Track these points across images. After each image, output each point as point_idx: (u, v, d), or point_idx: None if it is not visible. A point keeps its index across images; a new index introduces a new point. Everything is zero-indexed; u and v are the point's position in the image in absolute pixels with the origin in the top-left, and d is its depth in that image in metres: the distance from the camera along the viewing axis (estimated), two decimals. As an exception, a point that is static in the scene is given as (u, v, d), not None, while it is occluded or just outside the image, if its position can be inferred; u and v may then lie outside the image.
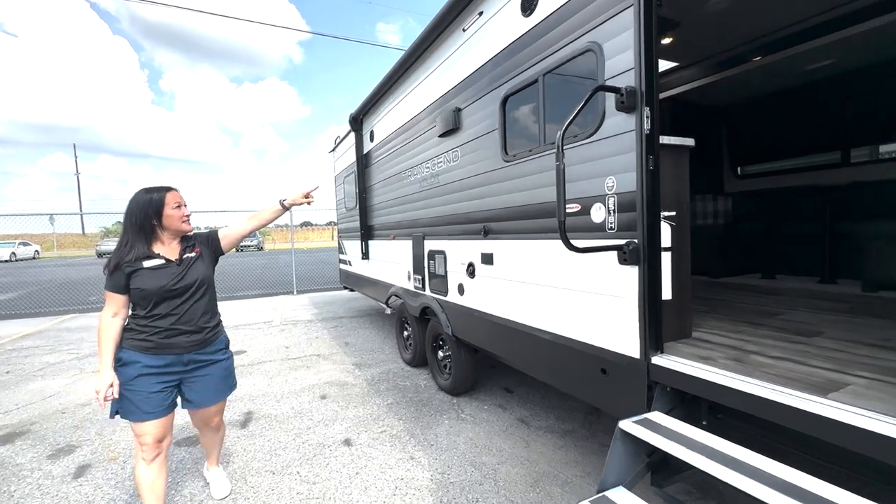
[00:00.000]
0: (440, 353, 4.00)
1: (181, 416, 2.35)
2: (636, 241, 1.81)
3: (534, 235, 2.43)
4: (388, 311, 5.87)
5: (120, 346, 1.94)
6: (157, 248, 2.02)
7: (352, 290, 7.60)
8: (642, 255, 1.78)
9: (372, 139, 5.37)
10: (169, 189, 2.04)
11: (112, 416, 1.98)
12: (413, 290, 4.30)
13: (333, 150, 7.68)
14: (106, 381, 1.89)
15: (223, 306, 9.00)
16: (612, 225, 1.91)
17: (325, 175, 8.85)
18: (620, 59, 1.83)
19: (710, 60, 3.89)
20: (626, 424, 1.66)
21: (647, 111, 1.73)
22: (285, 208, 2.47)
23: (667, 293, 1.83)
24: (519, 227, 2.57)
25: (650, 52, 1.71)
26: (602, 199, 1.96)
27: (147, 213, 1.96)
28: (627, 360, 1.89)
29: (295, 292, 10.87)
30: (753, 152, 4.73)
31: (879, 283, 3.08)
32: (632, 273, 1.83)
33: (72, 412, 3.75)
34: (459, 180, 3.27)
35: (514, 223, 2.61)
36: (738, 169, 4.90)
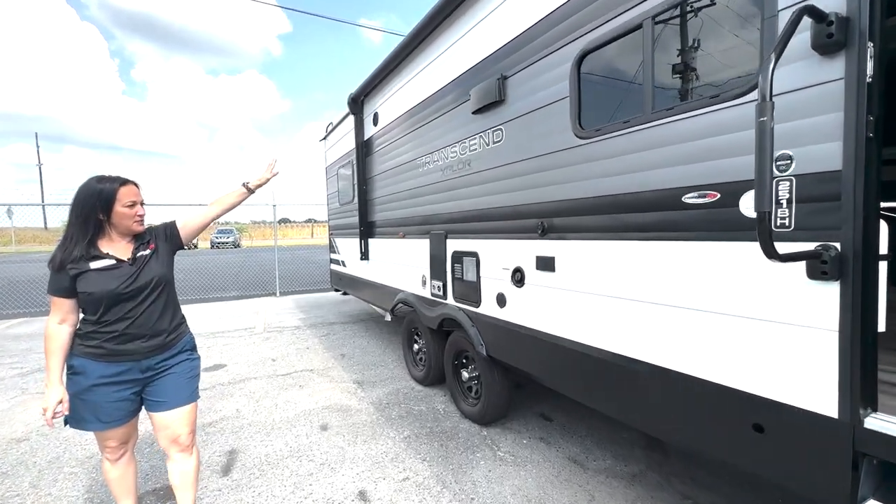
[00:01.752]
0: (464, 374, 3.37)
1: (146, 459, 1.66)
2: (837, 245, 1.22)
3: (633, 235, 1.82)
4: (388, 318, 5.19)
5: (71, 353, 1.76)
6: (106, 247, 1.78)
7: (345, 294, 6.88)
8: (851, 267, 1.19)
9: (376, 123, 4.68)
10: (125, 182, 1.78)
11: (65, 425, 1.79)
12: (430, 297, 3.64)
13: (325, 138, 6.94)
14: (54, 397, 1.70)
15: (197, 309, 8.13)
16: (787, 221, 1.32)
17: (309, 168, 8.09)
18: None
19: None
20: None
21: (870, 48, 1.14)
22: (250, 191, 2.24)
23: (882, 323, 1.24)
24: (604, 224, 1.96)
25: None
26: (765, 183, 1.36)
27: (94, 205, 1.72)
28: (811, 418, 1.30)
29: (278, 294, 10.04)
30: None
31: None
32: (827, 292, 1.24)
33: (1, 451, 2.95)
34: (502, 165, 2.64)
35: (595, 218, 2.00)
36: None
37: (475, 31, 2.84)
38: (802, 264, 1.27)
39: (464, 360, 3.44)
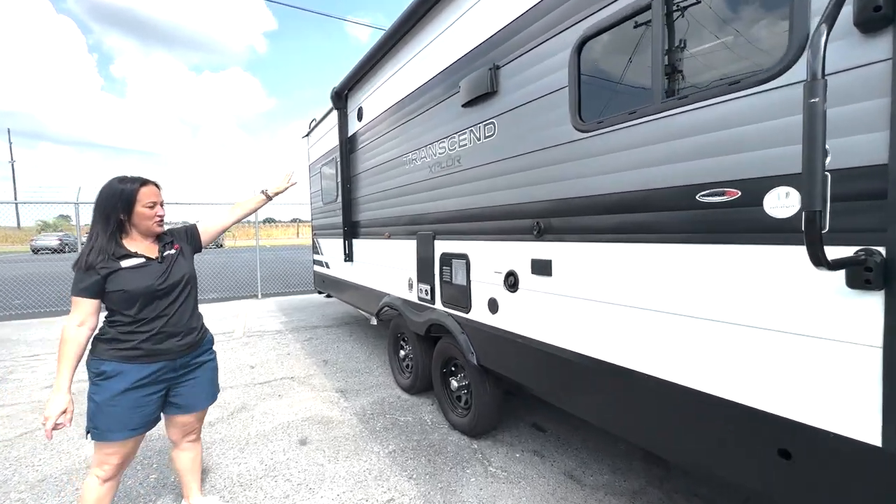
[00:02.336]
0: (453, 383, 3.18)
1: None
2: (881, 249, 1.07)
3: (640, 237, 1.66)
4: (374, 322, 4.99)
5: (100, 359, 1.72)
6: (131, 246, 1.80)
7: (328, 296, 6.64)
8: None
9: (360, 118, 4.47)
10: (145, 182, 1.81)
11: (87, 437, 1.73)
12: (417, 301, 3.45)
13: (308, 134, 6.68)
14: (59, 405, 1.63)
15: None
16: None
17: (295, 167, 7.81)
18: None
19: None
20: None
21: (924, 24, 0.99)
22: (269, 198, 2.41)
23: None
24: (607, 225, 1.79)
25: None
26: (794, 180, 1.21)
27: (115, 205, 1.74)
28: (849, 445, 1.15)
29: (260, 296, 9.72)
30: None
31: None
32: (870, 303, 1.09)
33: (-58, 476, 2.67)
34: (494, 162, 2.46)
35: (597, 218, 1.84)
36: None
37: (465, 18, 2.65)
38: (840, 272, 1.12)
39: (453, 369, 3.26)
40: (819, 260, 0.98)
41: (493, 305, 2.56)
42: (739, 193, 1.34)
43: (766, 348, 1.31)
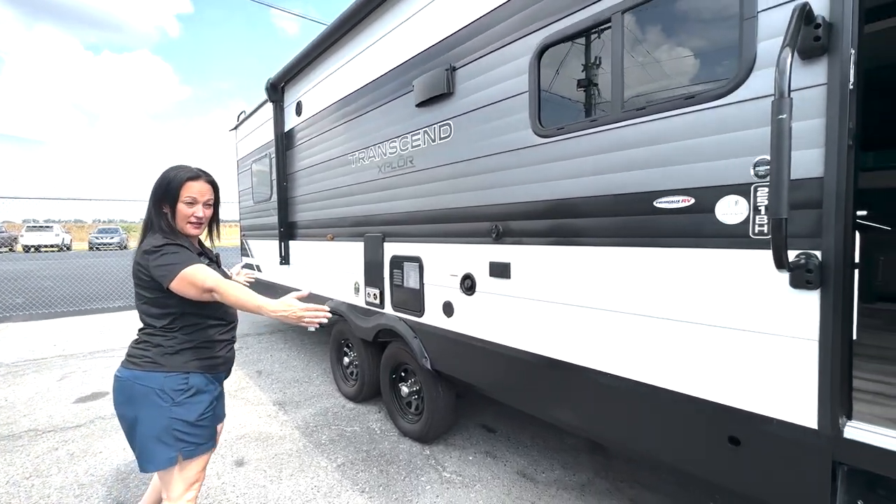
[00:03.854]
0: (404, 388, 3.10)
1: None
2: (818, 253, 1.20)
3: (600, 241, 1.72)
4: (312, 328, 4.74)
5: (183, 374, 1.52)
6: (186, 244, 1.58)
7: (259, 302, 6.19)
8: (832, 276, 1.17)
9: (299, 113, 4.22)
10: (196, 176, 1.57)
11: (167, 465, 1.49)
12: (364, 306, 3.32)
13: (236, 127, 6.19)
14: (293, 301, 1.42)
15: (71, 324, 6.81)
16: (765, 228, 1.28)
17: (215, 161, 7.22)
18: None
19: None
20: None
21: (852, 55, 1.12)
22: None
23: (855, 331, 1.25)
24: (567, 228, 1.84)
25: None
26: (743, 189, 1.32)
27: (161, 195, 1.55)
28: (788, 430, 1.27)
29: (176, 303, 8.80)
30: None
31: None
32: (808, 301, 1.22)
33: None
34: (451, 164, 2.44)
35: (557, 222, 1.88)
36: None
37: (420, 15, 2.60)
38: (784, 274, 1.24)
39: (402, 374, 3.18)
40: (782, 262, 1.07)
41: (448, 308, 2.53)
42: (693, 200, 1.44)
43: (717, 344, 1.42)
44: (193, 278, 1.41)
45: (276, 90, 4.47)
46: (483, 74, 2.22)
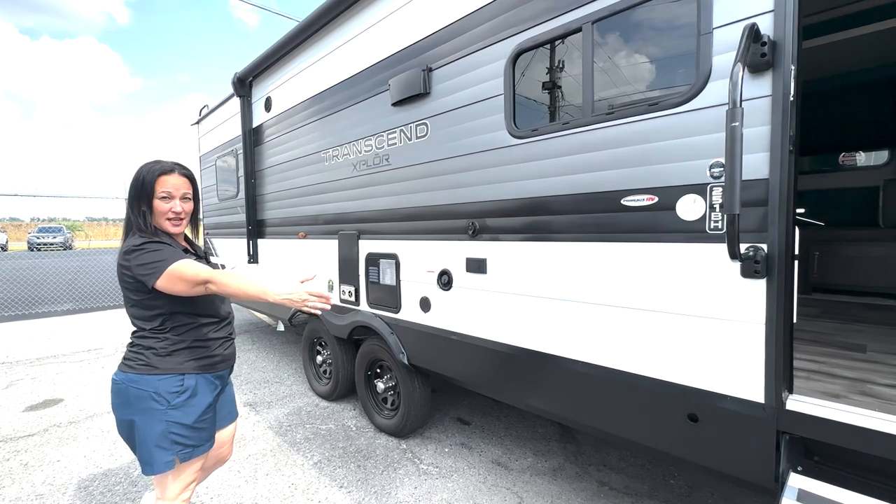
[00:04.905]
0: (379, 385, 3.13)
1: None
2: (764, 246, 1.35)
3: (571, 236, 1.83)
4: (281, 328, 4.68)
5: (179, 375, 1.49)
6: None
7: (225, 302, 6.01)
8: (777, 266, 1.32)
9: (269, 109, 4.14)
10: (171, 170, 1.53)
11: (166, 468, 1.46)
12: (339, 304, 3.32)
13: (199, 122, 5.98)
14: (298, 286, 1.48)
15: (15, 329, 6.36)
16: (720, 224, 1.42)
17: (173, 156, 6.93)
18: (747, -3, 1.34)
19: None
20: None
21: (792, 70, 1.27)
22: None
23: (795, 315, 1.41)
24: (540, 225, 1.94)
25: (800, -13, 1.27)
26: (701, 188, 1.46)
27: (136, 195, 1.50)
28: (739, 404, 1.42)
29: (132, 305, 8.36)
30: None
31: None
32: (756, 289, 1.37)
33: None
34: (427, 162, 2.50)
35: (531, 219, 1.98)
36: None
37: (397, 15, 2.64)
38: (736, 265, 1.38)
39: (378, 371, 3.20)
40: (735, 254, 1.20)
41: (425, 304, 2.59)
42: (657, 199, 1.57)
43: (678, 330, 1.55)
44: (183, 273, 1.38)
45: (244, 85, 4.36)
46: (460, 76, 2.29)
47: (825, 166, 4.08)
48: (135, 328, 1.51)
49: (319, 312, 1.52)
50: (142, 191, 1.49)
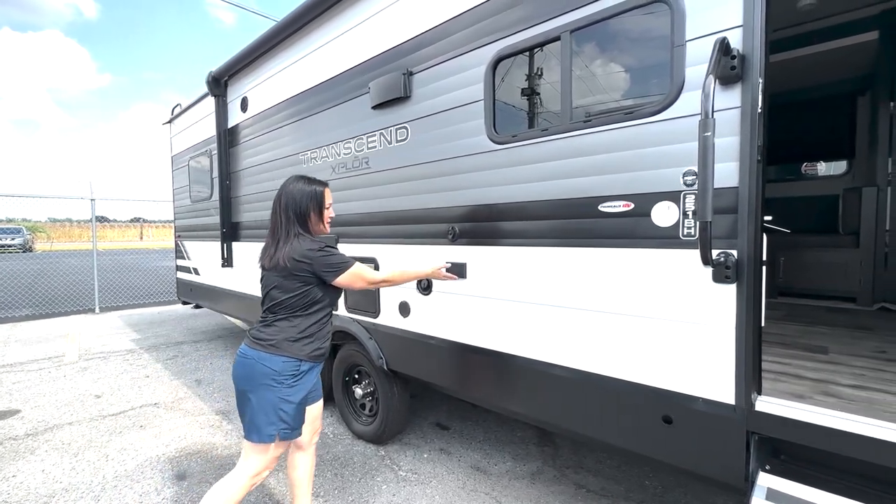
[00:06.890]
0: (357, 391, 3.09)
1: None
2: (734, 252, 1.39)
3: (550, 241, 1.85)
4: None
5: (298, 360, 1.73)
6: None
7: (197, 307, 5.84)
8: (746, 271, 1.36)
9: (244, 109, 4.06)
10: (327, 184, 1.94)
11: (269, 440, 1.69)
12: (316, 308, 3.25)
13: (171, 121, 5.80)
14: (434, 264, 2.18)
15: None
16: (693, 231, 1.46)
17: (139, 157, 6.70)
18: (719, 9, 1.39)
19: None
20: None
21: (760, 83, 1.33)
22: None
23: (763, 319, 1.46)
24: (520, 230, 1.96)
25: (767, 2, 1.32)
26: (674, 196, 1.50)
27: (308, 205, 1.82)
28: (711, 406, 1.46)
29: (97, 310, 8.03)
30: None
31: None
32: (726, 293, 1.41)
33: None
34: (407, 166, 2.49)
35: (511, 224, 1.99)
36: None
37: (378, 18, 2.63)
38: (708, 270, 1.42)
39: (356, 376, 3.16)
40: (707, 259, 1.24)
41: (404, 309, 2.57)
42: (633, 205, 1.60)
43: (653, 333, 1.59)
44: (364, 272, 1.80)
45: (219, 84, 4.26)
46: (440, 80, 2.29)
47: (789, 175, 4.27)
48: (276, 313, 1.75)
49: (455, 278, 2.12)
50: (322, 202, 1.85)
